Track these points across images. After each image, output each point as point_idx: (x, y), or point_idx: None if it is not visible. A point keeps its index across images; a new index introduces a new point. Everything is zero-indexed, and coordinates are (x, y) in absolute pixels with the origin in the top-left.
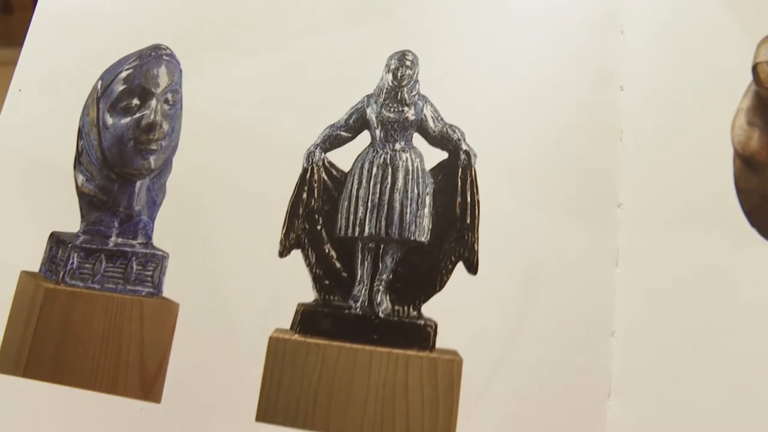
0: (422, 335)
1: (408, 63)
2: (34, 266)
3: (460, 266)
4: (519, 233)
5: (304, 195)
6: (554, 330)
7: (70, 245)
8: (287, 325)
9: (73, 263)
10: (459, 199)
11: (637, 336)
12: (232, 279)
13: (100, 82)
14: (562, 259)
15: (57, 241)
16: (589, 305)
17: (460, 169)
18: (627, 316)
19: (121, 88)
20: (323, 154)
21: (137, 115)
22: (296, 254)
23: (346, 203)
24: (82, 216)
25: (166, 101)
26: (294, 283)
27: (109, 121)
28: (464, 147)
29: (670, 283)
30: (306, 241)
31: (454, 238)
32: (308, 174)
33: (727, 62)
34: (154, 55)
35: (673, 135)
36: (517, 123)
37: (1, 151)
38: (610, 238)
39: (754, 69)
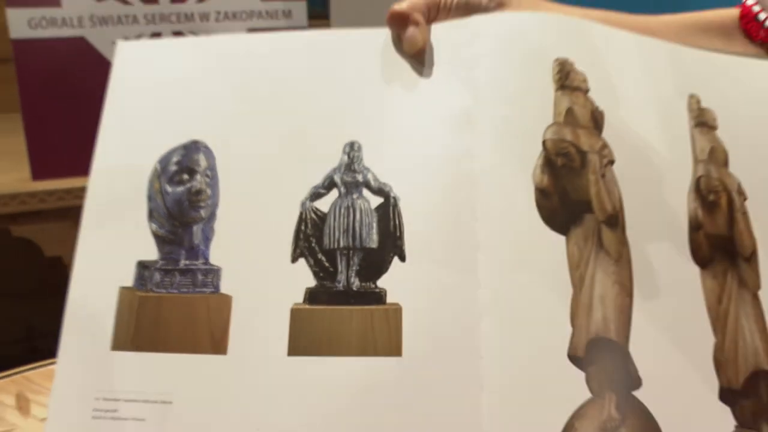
0: (378, 297)
1: (356, 148)
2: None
3: (395, 259)
4: None
5: (302, 227)
6: None
7: (153, 268)
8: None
9: (156, 279)
10: (391, 224)
11: None
12: (262, 276)
13: (158, 164)
14: None
15: (143, 266)
16: None
17: (391, 208)
18: None
19: (175, 168)
20: (311, 203)
21: (188, 185)
22: (301, 260)
23: (328, 230)
24: (159, 250)
25: (207, 176)
26: (301, 276)
27: (169, 189)
28: (392, 195)
29: None
30: (307, 252)
31: (390, 244)
32: (303, 215)
33: None
34: (194, 147)
35: None
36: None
37: (98, 198)
38: None
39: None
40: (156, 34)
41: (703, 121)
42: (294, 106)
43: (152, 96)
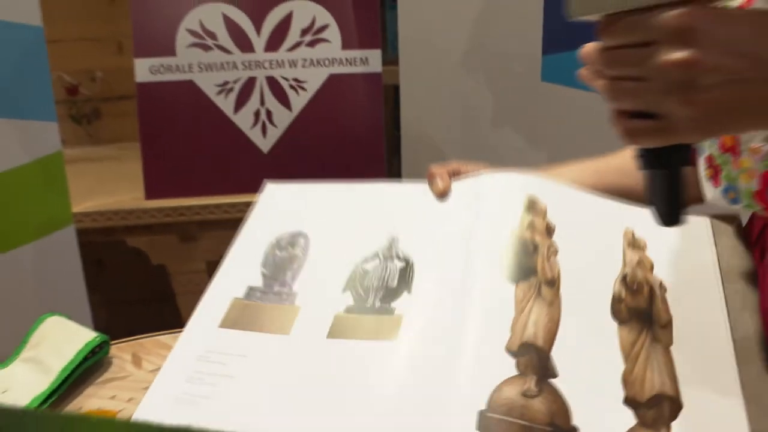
0: (389, 311)
1: (394, 239)
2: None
3: (405, 293)
4: None
5: (353, 275)
6: None
7: (258, 290)
8: None
9: (257, 296)
10: (407, 276)
11: None
12: (320, 299)
13: (275, 239)
14: None
15: (252, 288)
16: None
17: (408, 268)
18: None
19: (284, 243)
20: (361, 264)
21: (289, 253)
22: (348, 292)
23: (368, 276)
24: (263, 282)
25: (301, 249)
26: (346, 299)
27: (278, 253)
28: (410, 261)
29: None
30: (352, 287)
31: (404, 285)
32: (355, 269)
33: None
34: (299, 234)
35: None
36: None
37: (237, 254)
38: None
39: None
40: (252, 78)
41: (634, 243)
42: (363, 217)
43: (287, 212)
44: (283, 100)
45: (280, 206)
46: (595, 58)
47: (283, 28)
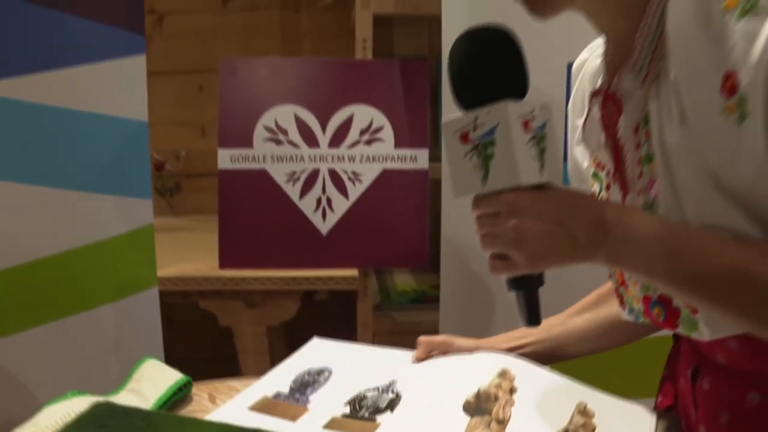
0: (372, 420)
1: (392, 383)
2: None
3: (388, 411)
4: None
5: (354, 399)
6: None
7: (283, 395)
8: None
9: (282, 398)
10: (394, 402)
11: None
12: (321, 408)
13: (307, 373)
14: None
15: (278, 393)
16: None
17: (397, 398)
18: None
19: (314, 373)
20: (362, 391)
21: (315, 379)
22: (348, 406)
23: (364, 398)
24: (289, 392)
25: (325, 377)
26: (341, 412)
27: (305, 378)
28: (399, 394)
29: None
30: (351, 406)
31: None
32: (357, 394)
33: None
34: (326, 369)
35: None
36: None
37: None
38: None
39: None
40: (316, 170)
41: (584, 412)
42: (377, 366)
43: (323, 355)
44: (342, 189)
45: (318, 350)
46: (475, 220)
47: (344, 127)
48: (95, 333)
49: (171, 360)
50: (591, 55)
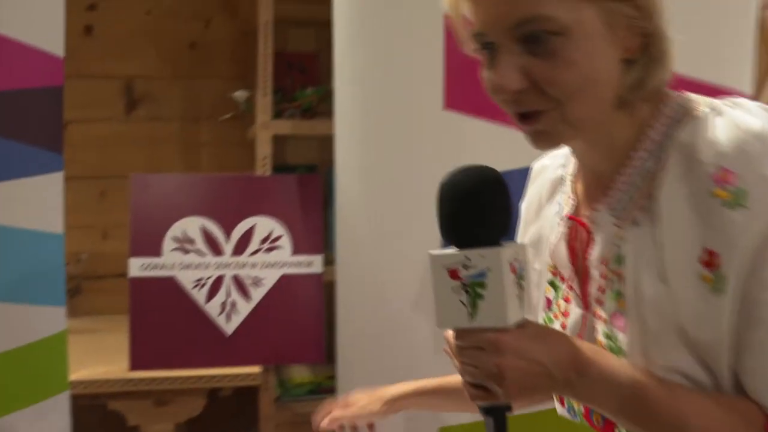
0: None
1: None
2: None
3: None
4: None
5: None
6: None
7: None
8: None
9: None
10: None
11: None
12: None
13: None
14: None
15: None
16: None
17: None
18: None
19: None
20: None
21: None
22: None
23: None
24: None
25: None
26: None
27: None
28: None
29: None
30: None
31: None
32: None
33: None
34: None
35: None
36: None
37: None
38: None
39: None
40: (221, 276)
41: None
42: None
43: None
44: (245, 293)
45: None
46: (452, 348)
47: (247, 237)
48: None
49: None
50: (552, 164)
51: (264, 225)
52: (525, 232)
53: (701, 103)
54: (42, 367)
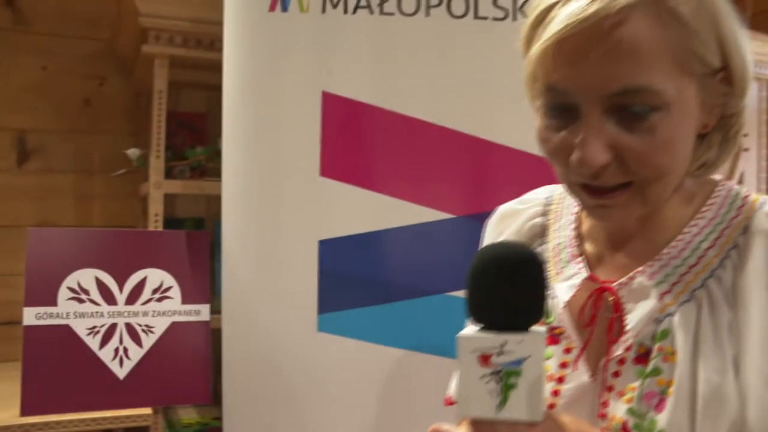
0: None
1: None
2: None
3: None
4: None
5: None
6: None
7: None
8: None
9: None
10: None
11: None
12: None
13: None
14: None
15: None
16: None
17: None
18: None
19: None
20: None
21: None
22: None
23: None
24: None
25: None
26: None
27: None
28: None
29: None
30: None
31: None
32: None
33: None
34: None
35: None
36: None
37: None
38: None
39: None
40: (114, 324)
41: None
42: None
43: None
44: (137, 340)
45: None
46: None
47: (139, 287)
48: None
49: None
50: (526, 211)
51: (155, 276)
52: None
53: (751, 196)
54: None
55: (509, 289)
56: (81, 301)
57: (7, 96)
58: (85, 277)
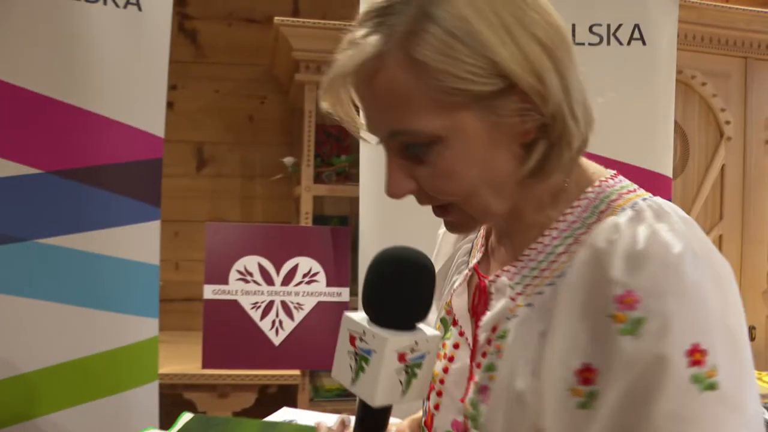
0: None
1: None
2: None
3: None
4: None
5: None
6: None
7: None
8: None
9: None
10: None
11: None
12: None
13: None
14: None
15: None
16: None
17: None
18: None
19: None
20: None
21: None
22: None
23: None
24: None
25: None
26: None
27: None
28: None
29: None
30: None
31: None
32: None
33: None
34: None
35: None
36: None
37: None
38: None
39: None
40: (272, 300)
41: None
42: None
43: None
44: (290, 314)
45: (287, 412)
46: None
47: (292, 272)
48: (114, 412)
49: None
50: None
51: (305, 263)
52: (436, 261)
53: (625, 198)
54: (139, 362)
55: (395, 289)
56: (246, 281)
57: (188, 115)
58: (250, 262)
